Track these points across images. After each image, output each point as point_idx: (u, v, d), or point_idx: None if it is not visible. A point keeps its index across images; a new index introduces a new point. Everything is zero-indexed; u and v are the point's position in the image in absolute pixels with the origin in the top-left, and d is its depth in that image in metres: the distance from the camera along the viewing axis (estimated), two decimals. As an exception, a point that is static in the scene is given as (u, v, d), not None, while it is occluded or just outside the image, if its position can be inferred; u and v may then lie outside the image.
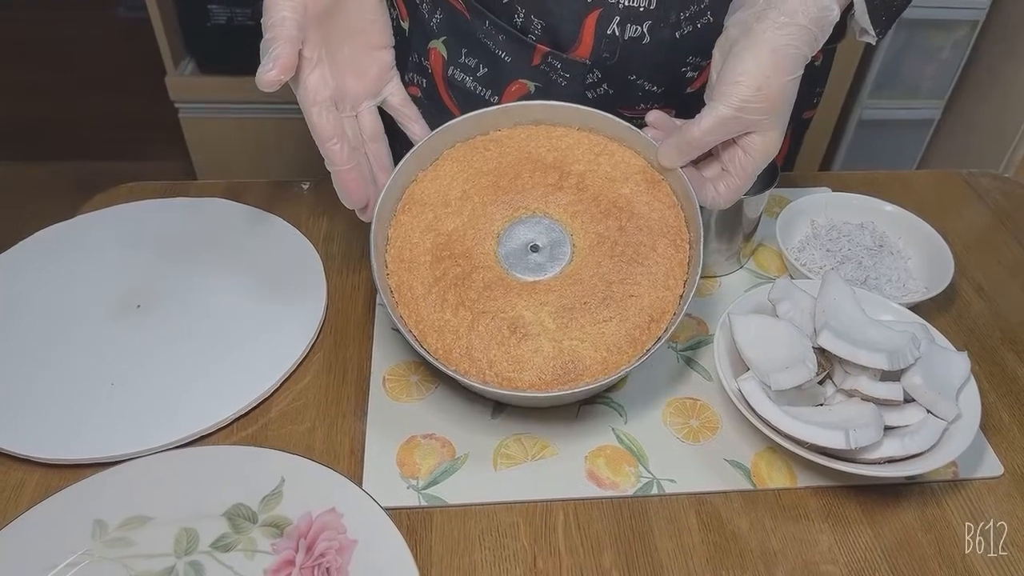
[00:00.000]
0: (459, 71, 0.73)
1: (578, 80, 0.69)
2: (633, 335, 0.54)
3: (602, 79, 0.69)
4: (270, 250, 0.70)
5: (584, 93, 0.70)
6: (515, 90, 0.71)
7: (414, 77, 0.76)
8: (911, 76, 1.62)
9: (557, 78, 0.69)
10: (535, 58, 0.69)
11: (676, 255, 0.57)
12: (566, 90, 0.70)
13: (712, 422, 0.58)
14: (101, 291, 0.65)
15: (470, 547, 0.50)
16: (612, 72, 0.68)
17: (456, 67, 0.73)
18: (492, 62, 0.71)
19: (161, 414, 0.56)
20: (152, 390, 0.58)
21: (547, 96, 0.69)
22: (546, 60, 0.68)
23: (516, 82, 0.71)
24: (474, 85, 0.73)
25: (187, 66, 1.54)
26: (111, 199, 0.76)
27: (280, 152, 1.57)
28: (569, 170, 0.60)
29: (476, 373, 0.53)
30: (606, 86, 0.70)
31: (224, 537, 0.49)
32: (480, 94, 0.73)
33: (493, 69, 0.71)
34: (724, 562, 0.50)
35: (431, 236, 0.58)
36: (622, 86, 0.69)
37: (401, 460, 0.55)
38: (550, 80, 0.70)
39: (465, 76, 0.73)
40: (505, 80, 0.71)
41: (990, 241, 0.77)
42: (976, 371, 0.61)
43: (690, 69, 0.69)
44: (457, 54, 0.72)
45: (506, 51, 0.69)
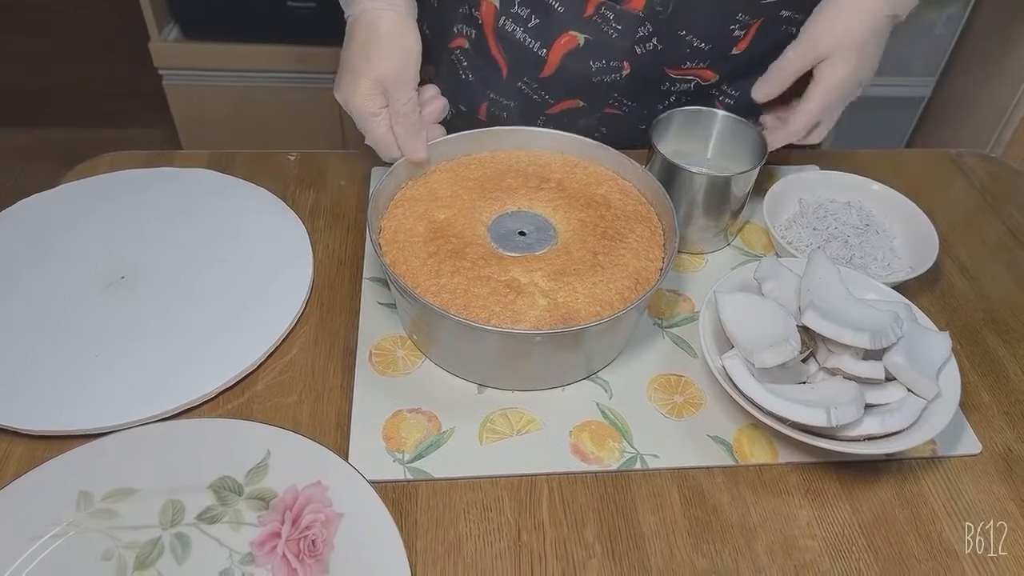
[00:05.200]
0: (511, 21, 0.73)
1: (629, 33, 0.69)
2: (623, 293, 0.57)
3: (652, 33, 0.70)
4: (256, 222, 0.70)
5: (633, 47, 0.71)
6: (565, 42, 0.72)
7: (463, 28, 0.76)
8: (902, 53, 1.61)
9: (609, 30, 0.70)
10: (588, 8, 0.69)
11: (652, 237, 0.62)
12: (616, 43, 0.71)
13: (696, 398, 0.59)
14: (85, 262, 0.65)
15: (455, 520, 0.51)
16: (663, 27, 0.69)
17: (508, 17, 0.72)
18: (545, 12, 0.71)
19: (147, 386, 0.56)
20: (138, 362, 0.57)
21: (597, 50, 0.72)
22: (599, 11, 0.69)
23: (567, 34, 0.71)
24: (524, 36, 0.73)
25: (171, 32, 1.51)
26: (94, 168, 0.75)
27: (266, 120, 1.55)
28: (548, 177, 0.66)
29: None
30: (655, 40, 0.70)
31: (210, 509, 0.49)
32: (529, 46, 0.73)
33: (545, 19, 0.71)
34: (705, 536, 0.51)
35: (424, 223, 0.61)
36: (671, 42, 0.70)
37: (387, 434, 0.55)
38: (601, 32, 0.70)
39: (516, 26, 0.73)
40: (556, 31, 0.71)
41: (975, 221, 0.77)
42: (957, 350, 0.62)
43: (738, 28, 0.70)
44: (510, 3, 0.72)
45: (559, 1, 0.69)
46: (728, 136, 0.72)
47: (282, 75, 1.51)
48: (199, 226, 0.69)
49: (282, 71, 1.50)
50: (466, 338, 0.55)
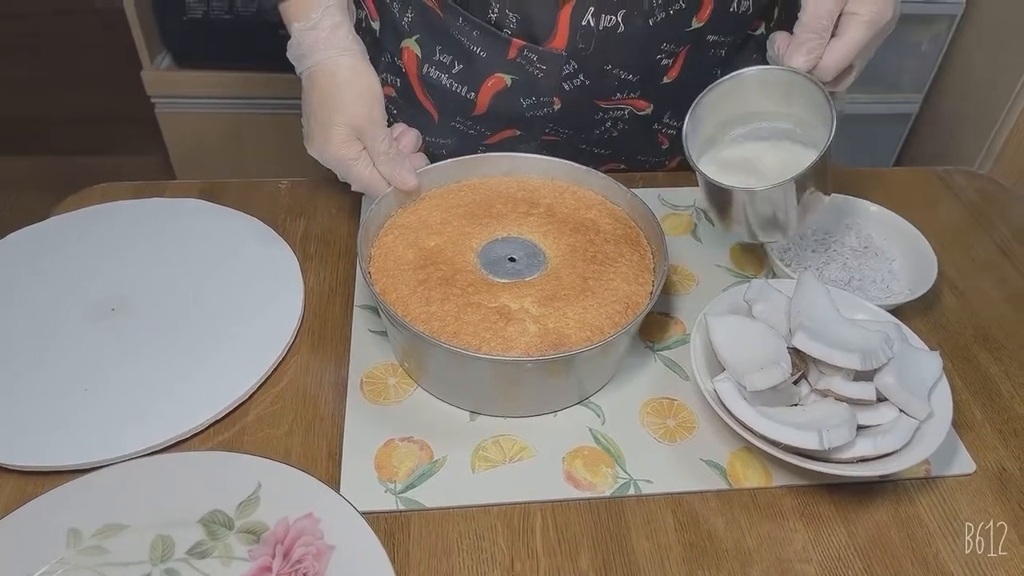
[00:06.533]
0: (434, 69, 0.73)
1: (555, 72, 0.69)
2: (613, 318, 0.57)
3: (578, 70, 0.70)
4: (247, 252, 0.70)
5: (561, 84, 0.70)
6: (491, 84, 0.71)
7: (388, 77, 0.76)
8: (890, 70, 1.63)
9: (534, 71, 0.70)
10: (511, 52, 0.69)
11: (642, 261, 0.62)
12: (543, 82, 0.70)
13: (689, 422, 0.58)
14: (75, 295, 0.65)
15: (448, 551, 0.50)
16: (588, 63, 0.69)
17: (431, 65, 0.73)
18: (467, 58, 0.71)
19: (137, 419, 0.56)
20: (127, 395, 0.57)
21: (525, 89, 0.71)
22: (522, 53, 0.69)
23: (492, 77, 0.71)
24: (450, 82, 0.73)
25: (163, 60, 1.52)
26: (84, 200, 0.75)
27: (258, 147, 1.56)
28: (537, 202, 0.66)
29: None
30: (582, 77, 0.70)
31: (200, 544, 0.49)
32: (456, 91, 0.73)
33: (468, 65, 0.71)
34: (700, 562, 0.51)
35: (413, 250, 0.61)
36: (598, 76, 0.70)
37: (379, 463, 0.55)
38: (527, 73, 0.70)
39: (440, 73, 0.73)
40: (482, 75, 0.71)
41: (965, 238, 0.78)
42: (949, 369, 0.62)
43: (664, 56, 0.70)
44: (431, 52, 0.72)
45: (481, 46, 0.69)
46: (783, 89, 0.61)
47: (274, 102, 1.51)
48: (190, 257, 0.69)
49: (274, 98, 1.51)
50: (457, 366, 0.55)
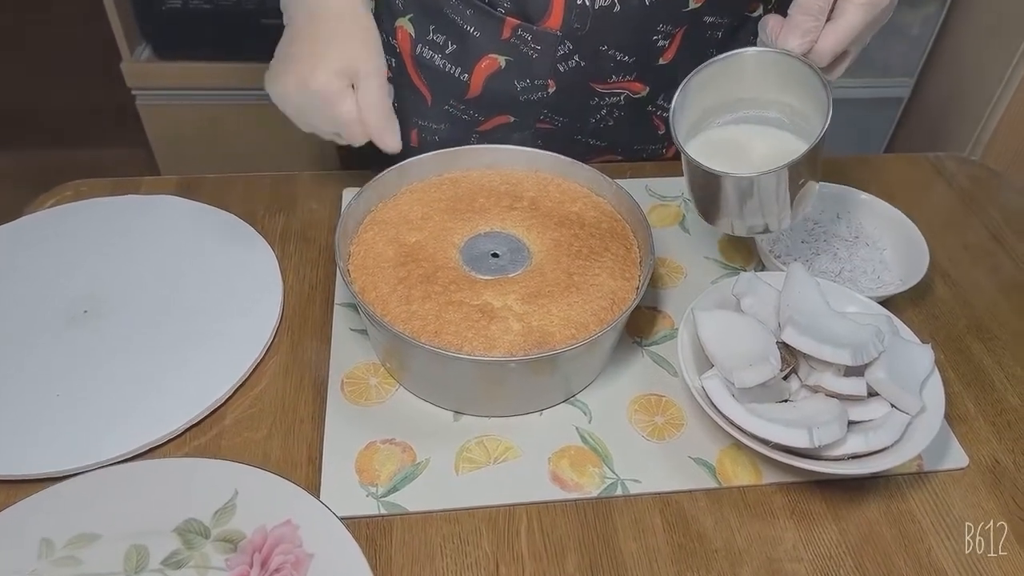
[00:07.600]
0: (427, 49, 0.71)
1: (549, 52, 0.68)
2: (599, 315, 0.55)
3: (573, 51, 0.68)
4: (224, 249, 0.68)
5: (556, 66, 0.69)
6: (485, 66, 0.70)
7: None
8: (880, 54, 1.61)
9: (528, 51, 0.68)
10: (504, 31, 0.67)
11: (628, 255, 0.60)
12: (537, 63, 0.69)
13: (677, 418, 0.57)
14: (47, 297, 0.63)
15: (431, 556, 0.49)
16: (583, 43, 0.67)
17: (424, 45, 0.71)
18: (461, 38, 0.69)
19: (110, 425, 0.54)
20: (100, 400, 0.56)
21: (519, 71, 0.70)
22: (516, 33, 0.67)
23: (486, 57, 0.70)
24: (443, 63, 0.71)
25: (143, 51, 1.49)
26: (58, 198, 0.73)
27: (241, 138, 1.53)
28: (521, 195, 0.64)
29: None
30: (577, 58, 0.69)
31: (175, 554, 0.48)
32: (450, 72, 0.71)
33: (462, 45, 0.70)
34: (689, 562, 0.50)
35: (394, 247, 0.60)
36: (593, 57, 0.69)
37: (360, 467, 0.53)
38: (521, 53, 0.69)
39: (434, 54, 0.71)
40: (476, 56, 0.70)
41: (957, 226, 0.76)
42: (941, 360, 0.61)
43: (661, 37, 0.68)
44: (425, 31, 0.71)
45: (474, 26, 0.68)
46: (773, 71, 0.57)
47: (256, 92, 1.48)
48: (165, 256, 0.67)
49: (256, 88, 1.48)
50: (439, 366, 0.54)
